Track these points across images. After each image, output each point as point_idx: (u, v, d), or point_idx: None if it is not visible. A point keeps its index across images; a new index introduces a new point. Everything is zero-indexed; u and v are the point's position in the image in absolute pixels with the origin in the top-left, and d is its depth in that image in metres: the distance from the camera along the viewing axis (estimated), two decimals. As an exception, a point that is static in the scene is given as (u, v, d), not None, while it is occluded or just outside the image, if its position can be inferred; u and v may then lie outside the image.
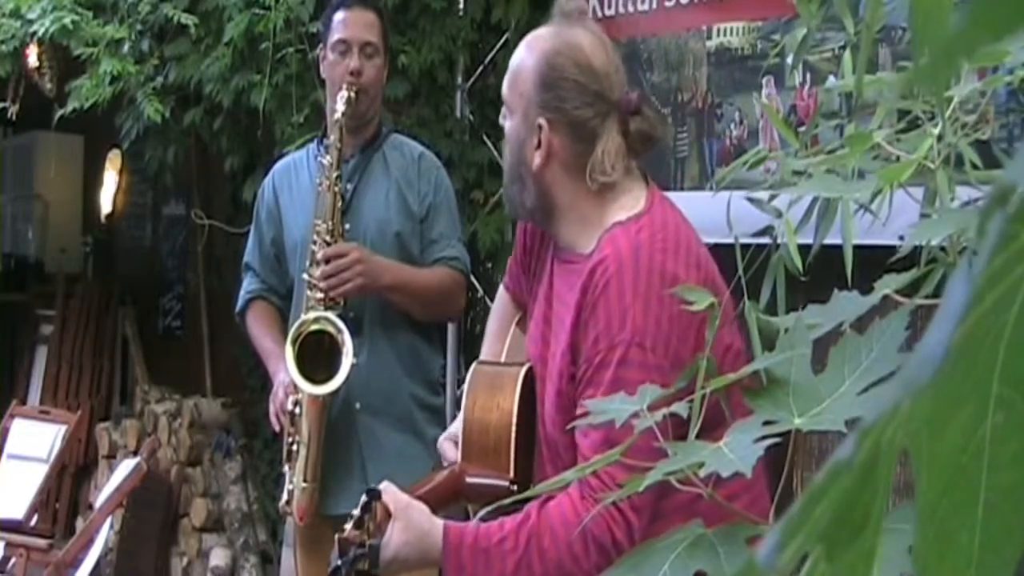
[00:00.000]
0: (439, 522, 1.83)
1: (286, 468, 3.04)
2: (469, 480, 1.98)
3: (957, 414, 0.30)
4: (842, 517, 0.28)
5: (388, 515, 1.83)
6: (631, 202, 1.92)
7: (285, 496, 3.03)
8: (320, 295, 2.95)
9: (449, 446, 2.12)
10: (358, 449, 3.05)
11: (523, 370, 2.02)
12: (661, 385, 1.74)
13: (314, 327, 2.94)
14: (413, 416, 3.10)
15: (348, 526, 1.81)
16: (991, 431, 0.30)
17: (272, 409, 3.04)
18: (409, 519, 1.82)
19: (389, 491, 1.85)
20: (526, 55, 1.96)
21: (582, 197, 1.93)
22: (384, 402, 3.07)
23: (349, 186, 3.10)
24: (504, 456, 1.98)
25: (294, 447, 2.99)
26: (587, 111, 1.90)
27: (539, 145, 1.92)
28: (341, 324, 2.93)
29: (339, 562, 1.79)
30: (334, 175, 3.00)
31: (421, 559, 1.83)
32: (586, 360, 1.82)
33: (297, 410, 2.96)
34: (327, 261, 2.94)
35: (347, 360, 2.89)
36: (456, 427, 2.12)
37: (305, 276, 2.99)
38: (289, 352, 2.92)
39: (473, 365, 2.13)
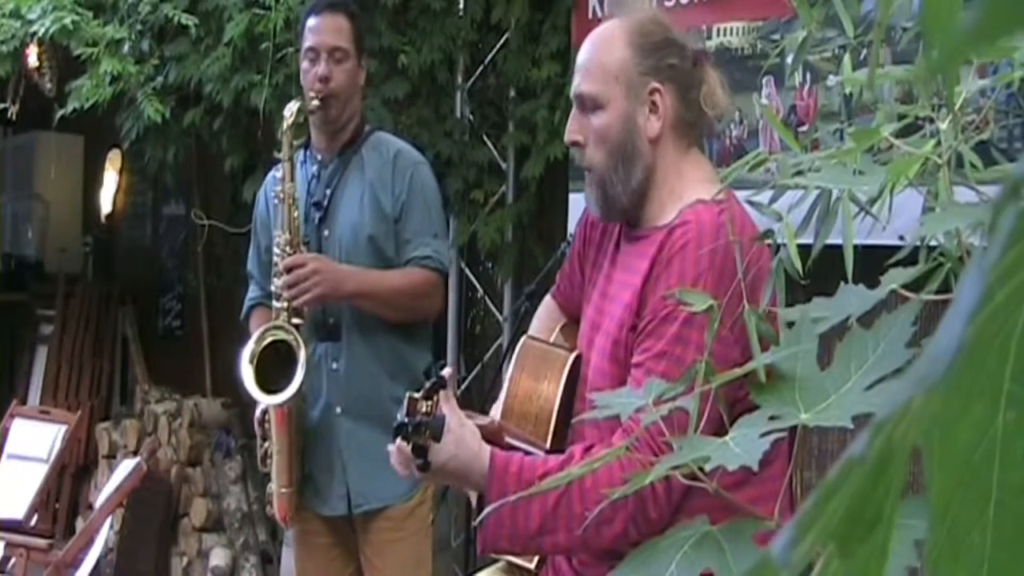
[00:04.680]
0: (487, 447, 1.85)
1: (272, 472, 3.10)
2: (508, 440, 1.99)
3: (968, 412, 0.30)
4: (855, 513, 0.28)
5: (442, 425, 1.86)
6: (712, 188, 1.96)
7: (267, 499, 3.12)
8: (285, 304, 2.98)
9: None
10: (338, 453, 3.09)
11: (572, 356, 2.06)
12: (720, 356, 1.76)
13: (269, 339, 2.98)
14: (394, 417, 3.09)
15: (419, 394, 1.82)
16: (1002, 429, 0.30)
17: (257, 415, 3.09)
18: (462, 438, 1.85)
19: (450, 399, 1.88)
20: (604, 44, 2.01)
21: (677, 167, 2.00)
22: (365, 406, 3.08)
23: (328, 191, 3.12)
24: (544, 425, 2.01)
25: (268, 454, 3.05)
26: (686, 62, 2.00)
27: (653, 110, 1.98)
28: (295, 332, 2.97)
29: (405, 419, 1.79)
30: (287, 186, 3.02)
31: (464, 477, 1.86)
32: (652, 311, 1.85)
33: (267, 418, 3.00)
34: (289, 271, 2.96)
35: (301, 369, 2.93)
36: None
37: (273, 288, 3.02)
38: (247, 369, 2.96)
39: (523, 339, 2.17)
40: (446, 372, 1.91)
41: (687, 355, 1.78)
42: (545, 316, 2.32)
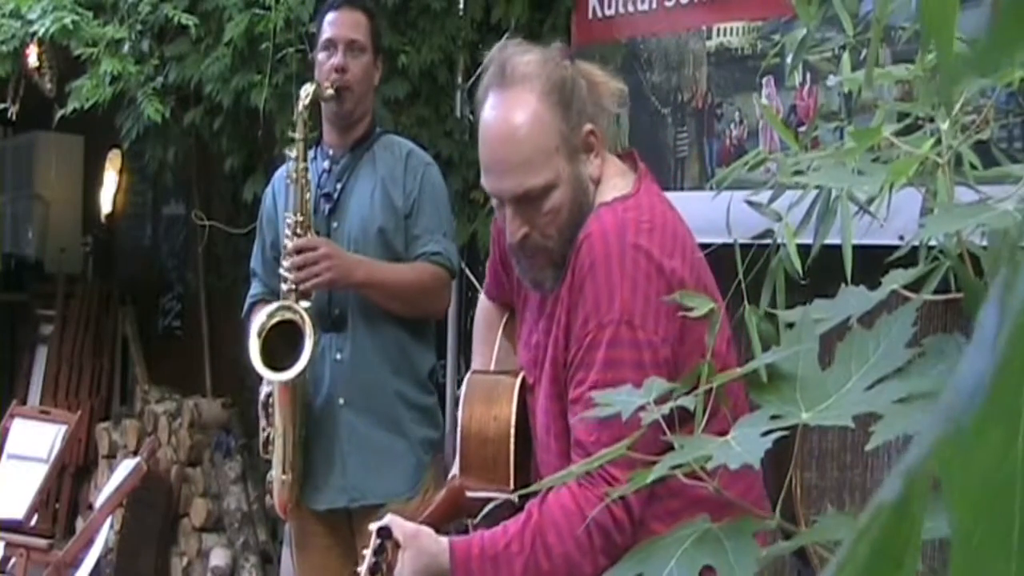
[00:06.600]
0: (445, 541, 1.83)
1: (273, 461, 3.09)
2: (470, 495, 1.98)
3: (986, 438, 0.29)
4: (881, 552, 0.28)
5: (397, 546, 1.84)
6: (622, 184, 1.92)
7: (267, 488, 3.10)
8: (292, 287, 2.97)
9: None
10: (339, 445, 3.07)
11: (518, 380, 2.03)
12: (653, 361, 1.75)
13: (277, 318, 2.97)
14: (398, 414, 3.09)
15: (363, 571, 1.81)
16: (1022, 454, 0.30)
17: (261, 399, 3.08)
18: (419, 547, 1.83)
19: (396, 523, 1.86)
20: (534, 127, 1.85)
21: (597, 181, 1.93)
22: (367, 398, 3.08)
23: (338, 185, 3.13)
24: (503, 468, 1.98)
25: (270, 439, 3.04)
26: (580, 79, 1.91)
27: (590, 149, 1.90)
28: (302, 311, 2.95)
29: None
30: (300, 166, 3.02)
31: None
32: (576, 341, 1.81)
33: (271, 401, 2.99)
34: (298, 253, 2.95)
35: (308, 343, 2.91)
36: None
37: (280, 270, 3.01)
38: (255, 344, 2.94)
39: (468, 375, 2.14)
40: (373, 527, 1.88)
41: (622, 375, 1.69)
42: (486, 318, 2.27)
